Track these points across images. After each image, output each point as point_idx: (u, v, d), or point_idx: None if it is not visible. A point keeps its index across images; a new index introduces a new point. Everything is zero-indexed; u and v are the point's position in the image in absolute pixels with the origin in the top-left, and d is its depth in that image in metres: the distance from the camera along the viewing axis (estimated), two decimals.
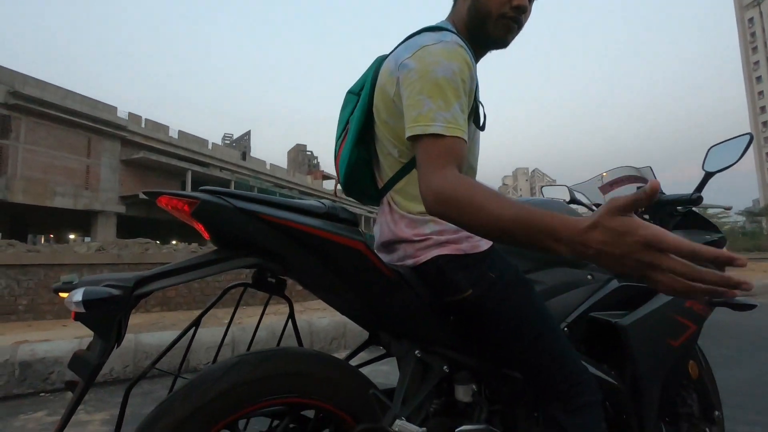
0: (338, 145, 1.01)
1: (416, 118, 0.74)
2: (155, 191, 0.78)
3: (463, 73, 0.77)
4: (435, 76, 0.75)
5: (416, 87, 0.76)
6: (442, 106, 0.73)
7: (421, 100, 0.74)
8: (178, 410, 0.72)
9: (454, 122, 0.73)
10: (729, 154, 1.23)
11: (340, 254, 0.80)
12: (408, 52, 0.81)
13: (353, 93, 1.00)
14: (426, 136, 0.72)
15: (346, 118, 1.00)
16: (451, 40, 0.80)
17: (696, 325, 1.16)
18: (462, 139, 0.73)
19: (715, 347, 3.85)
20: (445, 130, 0.72)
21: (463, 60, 0.78)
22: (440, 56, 0.77)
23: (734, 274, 0.56)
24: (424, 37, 0.82)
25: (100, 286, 0.67)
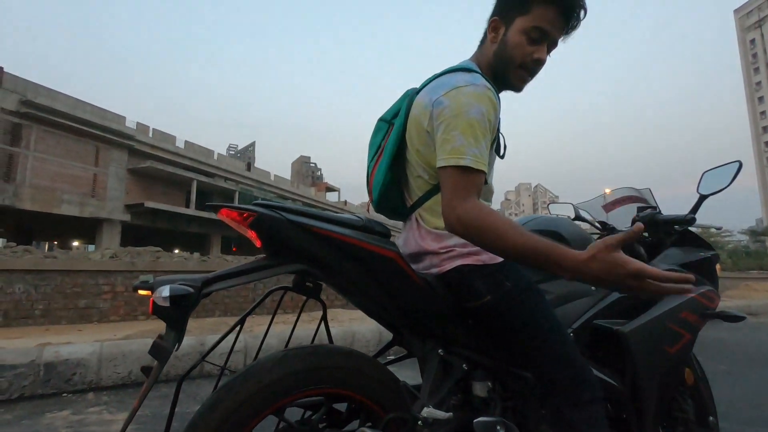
0: (371, 167, 1.13)
1: (450, 151, 0.87)
2: (218, 204, 0.91)
3: (489, 114, 0.90)
4: (467, 117, 0.88)
5: (451, 124, 0.88)
6: (472, 143, 0.86)
7: (455, 136, 0.87)
8: (236, 394, 0.83)
9: (480, 158, 0.87)
10: (721, 178, 1.35)
11: (377, 262, 0.92)
12: (442, 90, 0.93)
13: (384, 121, 1.13)
14: (457, 167, 0.86)
15: (378, 143, 1.12)
16: (481, 84, 0.92)
17: (690, 335, 1.26)
18: (484, 172, 0.88)
19: (716, 363, 3.91)
20: (474, 164, 0.86)
21: (490, 102, 0.91)
22: (471, 98, 0.89)
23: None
24: (457, 78, 0.94)
25: (179, 284, 0.79)
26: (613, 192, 1.66)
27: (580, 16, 1.00)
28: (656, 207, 1.53)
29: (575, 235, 1.31)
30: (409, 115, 1.03)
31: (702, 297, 1.31)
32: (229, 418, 0.81)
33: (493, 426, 0.94)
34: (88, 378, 2.69)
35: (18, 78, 19.86)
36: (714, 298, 1.34)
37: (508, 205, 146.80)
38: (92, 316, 4.90)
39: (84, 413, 2.30)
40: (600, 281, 0.76)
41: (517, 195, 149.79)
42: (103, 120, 22.36)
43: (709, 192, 1.36)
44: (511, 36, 0.99)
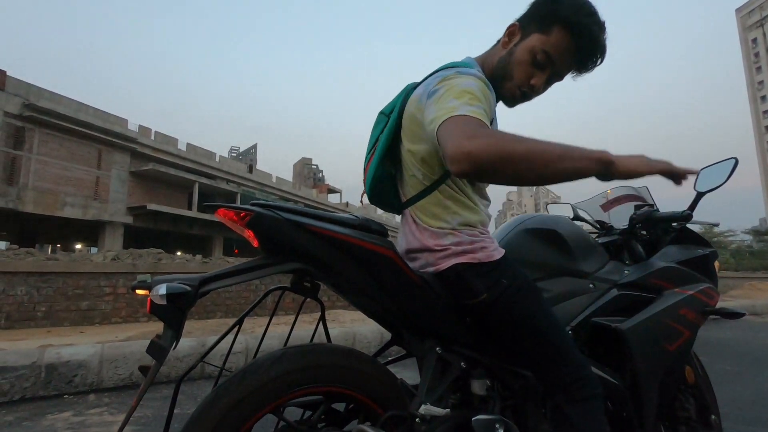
0: (367, 159, 1.12)
1: (444, 110, 0.79)
2: (215, 204, 0.91)
3: (484, 92, 0.86)
4: (460, 87, 0.84)
5: (442, 98, 0.83)
6: (467, 101, 0.79)
7: (447, 99, 0.81)
8: (234, 392, 0.83)
9: (477, 112, 0.77)
10: (718, 176, 1.35)
11: (374, 260, 0.92)
12: (435, 81, 0.91)
13: (384, 114, 1.11)
14: (449, 118, 0.76)
15: (376, 136, 1.11)
16: (474, 73, 0.90)
17: (690, 332, 1.26)
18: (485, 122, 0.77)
19: (721, 363, 3.89)
20: (470, 113, 0.76)
21: (484, 84, 0.89)
22: (464, 79, 0.87)
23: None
24: (451, 70, 0.93)
25: (176, 283, 0.79)
26: (612, 191, 1.66)
27: (597, 61, 0.96)
28: (653, 205, 1.53)
29: (574, 234, 1.31)
30: (404, 111, 1.01)
31: (701, 294, 1.30)
32: (226, 417, 0.81)
33: (492, 424, 0.94)
34: (90, 379, 2.70)
35: (21, 81, 19.97)
36: (713, 295, 1.34)
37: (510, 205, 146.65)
38: (94, 317, 4.91)
39: (85, 415, 2.30)
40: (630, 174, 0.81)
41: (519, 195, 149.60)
42: (105, 123, 22.47)
43: (706, 189, 1.36)
44: (521, 50, 0.97)
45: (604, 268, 1.30)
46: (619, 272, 1.31)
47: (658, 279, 1.30)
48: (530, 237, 1.25)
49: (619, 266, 1.35)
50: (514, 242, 1.23)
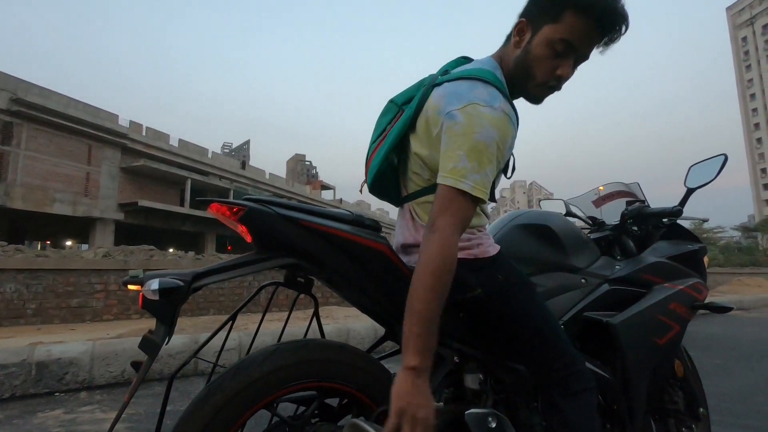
0: (372, 148, 1.08)
1: (451, 170, 0.82)
2: (208, 199, 0.91)
3: (502, 141, 0.84)
4: (477, 139, 0.81)
5: (458, 141, 0.82)
6: (475, 168, 0.81)
7: (459, 155, 0.81)
8: (227, 389, 0.82)
9: (481, 185, 0.81)
10: (707, 172, 1.36)
11: (367, 255, 0.92)
12: (458, 103, 0.85)
13: (395, 103, 1.06)
14: (454, 189, 0.81)
15: (384, 124, 1.06)
16: (499, 107, 0.84)
17: (679, 326, 1.27)
18: (482, 200, 0.83)
19: (709, 357, 3.95)
20: (472, 190, 0.80)
21: (506, 129, 0.85)
22: (486, 120, 0.82)
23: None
24: (477, 92, 0.86)
25: (169, 278, 0.78)
26: (603, 187, 1.67)
27: (621, 30, 0.89)
28: (644, 201, 1.55)
29: (566, 230, 1.32)
30: (421, 109, 0.95)
31: (690, 289, 1.32)
32: (219, 413, 0.80)
33: (485, 417, 0.95)
34: (81, 377, 2.68)
35: (9, 76, 19.64)
36: (702, 290, 1.36)
37: (504, 202, 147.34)
38: (85, 315, 4.86)
39: (76, 412, 2.29)
40: (397, 389, 0.75)
41: (512, 192, 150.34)
42: (95, 118, 22.18)
43: (696, 185, 1.37)
44: (536, 46, 0.91)
45: (595, 264, 1.31)
46: (610, 267, 1.33)
47: (648, 274, 1.32)
48: (523, 232, 1.26)
49: (611, 261, 1.36)
50: (508, 238, 1.24)
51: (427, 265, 0.78)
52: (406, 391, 0.74)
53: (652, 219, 1.46)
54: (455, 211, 0.81)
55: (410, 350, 0.75)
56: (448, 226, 0.79)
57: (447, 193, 0.81)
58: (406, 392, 0.74)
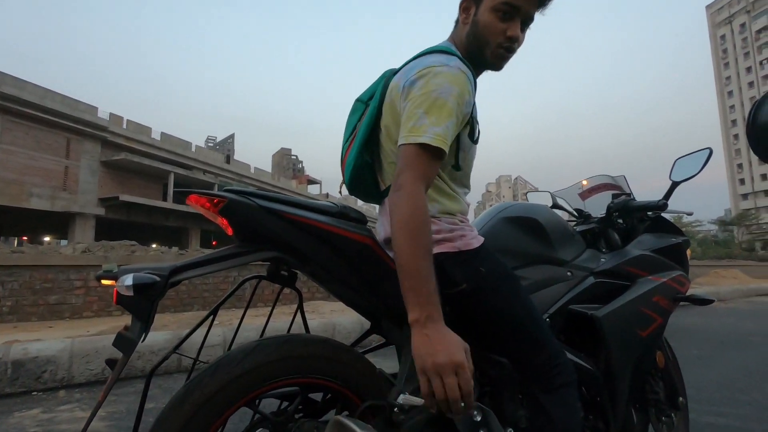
0: (345, 148, 1.10)
1: (411, 129, 0.83)
2: (187, 190, 0.88)
3: (461, 97, 0.87)
4: (435, 96, 0.85)
5: (417, 101, 0.85)
6: (434, 122, 0.83)
7: (418, 114, 0.84)
8: (206, 386, 0.80)
9: (442, 136, 0.83)
10: (692, 165, 1.38)
11: (352, 248, 0.90)
12: (415, 70, 0.90)
13: (361, 101, 1.10)
14: (415, 145, 0.82)
15: (353, 123, 1.09)
16: (455, 65, 0.89)
17: (662, 318, 1.29)
18: (443, 150, 0.83)
19: (688, 347, 4.06)
20: (432, 141, 0.81)
21: (464, 86, 0.88)
22: (443, 78, 0.86)
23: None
24: (432, 58, 0.91)
25: (144, 273, 0.75)
26: (590, 180, 1.68)
27: None
28: (630, 193, 1.56)
29: (552, 223, 1.32)
30: (384, 98, 1.00)
31: (673, 281, 1.34)
32: (198, 411, 0.78)
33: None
34: (59, 375, 2.60)
35: None
36: (684, 283, 1.38)
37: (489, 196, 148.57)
38: (64, 312, 4.73)
39: (54, 411, 2.23)
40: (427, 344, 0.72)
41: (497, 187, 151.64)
42: (74, 111, 21.55)
43: (681, 179, 1.39)
44: (482, 15, 0.97)
45: (581, 256, 1.32)
46: (595, 260, 1.33)
47: (632, 267, 1.33)
48: (510, 225, 1.26)
49: (596, 254, 1.37)
50: (494, 230, 1.23)
51: (400, 221, 0.78)
52: (418, 347, 0.73)
53: (637, 212, 1.48)
54: (416, 165, 0.81)
55: (408, 306, 0.75)
56: (411, 181, 0.80)
57: (407, 152, 0.82)
58: (419, 347, 0.73)
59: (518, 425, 1.03)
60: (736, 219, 54.10)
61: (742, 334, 5.04)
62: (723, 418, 2.25)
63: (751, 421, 2.22)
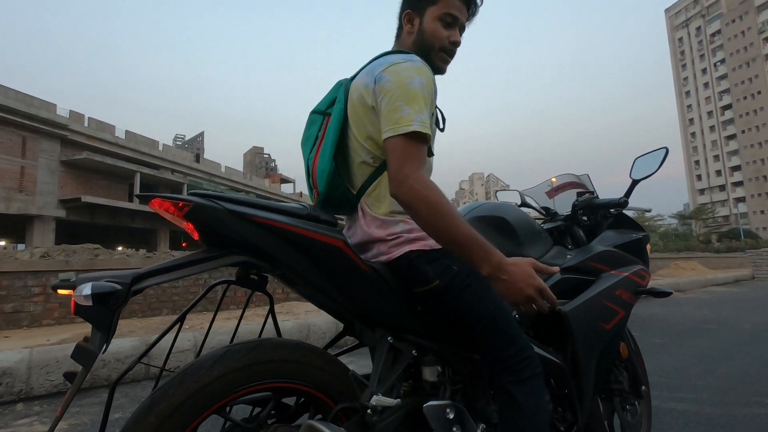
0: (311, 159, 1.08)
1: (397, 121, 0.89)
2: (148, 194, 0.85)
3: (429, 86, 0.94)
4: (410, 87, 0.91)
5: (394, 95, 0.91)
6: (417, 110, 0.89)
7: (399, 106, 0.89)
8: (173, 396, 0.78)
9: (426, 123, 0.89)
10: (651, 164, 1.44)
11: (322, 251, 0.89)
12: (381, 67, 0.96)
13: (319, 112, 1.12)
14: (406, 135, 0.87)
15: (314, 134, 1.10)
16: (417, 60, 0.98)
17: (624, 311, 1.34)
18: (430, 136, 0.91)
19: (649, 336, 4.25)
20: (422, 128, 0.88)
21: (428, 76, 0.96)
22: (411, 71, 0.93)
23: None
24: (393, 57, 0.99)
25: (104, 282, 0.72)
26: (556, 179, 1.73)
27: (478, 2, 1.12)
28: (594, 192, 1.62)
29: (521, 221, 1.35)
30: (348, 101, 1.03)
31: (635, 275, 1.40)
32: (164, 423, 0.76)
33: (443, 409, 0.96)
34: (17, 387, 2.47)
35: None
36: (645, 276, 1.44)
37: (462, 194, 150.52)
38: (21, 320, 4.47)
39: (12, 426, 2.11)
40: (510, 285, 0.87)
41: (470, 184, 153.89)
42: (29, 107, 20.44)
43: (640, 177, 1.45)
44: (427, 24, 1.06)
45: (548, 253, 1.36)
46: (562, 257, 1.38)
47: (596, 262, 1.38)
48: (480, 224, 1.28)
49: (563, 251, 1.41)
50: None
51: (427, 208, 0.85)
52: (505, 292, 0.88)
53: (601, 209, 1.53)
54: (414, 156, 0.87)
55: (478, 264, 0.87)
56: (414, 170, 0.86)
57: (398, 144, 0.88)
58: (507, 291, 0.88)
59: (490, 420, 1.05)
60: (694, 213, 57.02)
61: (699, 322, 5.32)
62: (682, 404, 2.37)
63: (707, 405, 2.35)
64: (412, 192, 0.85)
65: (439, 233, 0.86)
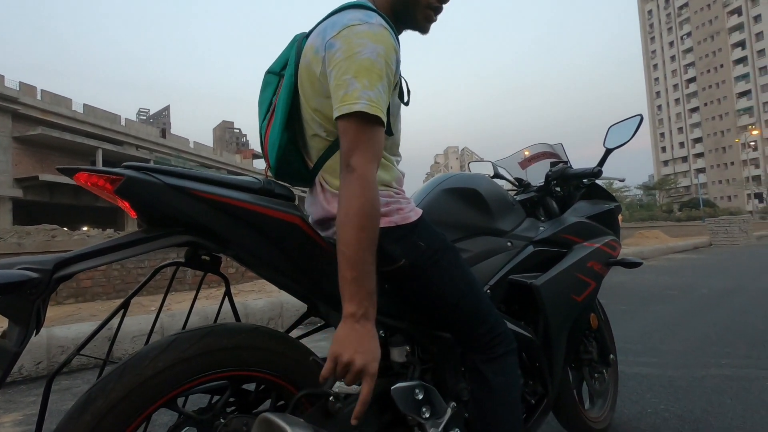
0: (264, 128, 0.99)
1: (343, 98, 0.77)
2: (71, 167, 0.74)
3: (387, 56, 0.80)
4: (361, 58, 0.78)
5: (342, 67, 0.78)
6: (367, 85, 0.77)
7: (347, 80, 0.77)
8: (111, 392, 0.70)
9: (376, 102, 0.77)
10: (625, 132, 1.41)
11: (277, 229, 0.81)
12: (333, 31, 0.82)
13: (273, 73, 0.99)
14: (352, 115, 0.76)
15: (268, 98, 0.99)
16: (376, 22, 0.82)
17: (596, 282, 1.33)
18: (382, 120, 0.79)
19: (613, 304, 4.40)
20: (369, 108, 0.76)
21: (388, 43, 0.81)
22: (366, 38, 0.79)
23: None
24: (349, 16, 0.83)
25: (14, 269, 0.62)
26: (529, 149, 1.68)
27: None
28: (567, 161, 1.58)
29: (493, 193, 1.30)
30: (299, 64, 0.91)
31: (606, 247, 1.38)
32: (102, 421, 0.68)
33: (411, 390, 0.92)
34: None
35: None
36: (616, 247, 1.43)
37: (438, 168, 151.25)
38: None
39: None
40: (351, 338, 0.73)
41: (445, 158, 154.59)
42: None
43: (614, 145, 1.42)
44: None
45: (521, 226, 1.32)
46: (534, 229, 1.34)
47: (569, 234, 1.35)
48: (450, 197, 1.22)
49: (535, 223, 1.38)
50: (434, 203, 1.19)
51: (350, 206, 0.75)
52: (343, 338, 0.73)
53: (574, 180, 1.50)
54: (364, 143, 0.77)
55: (346, 297, 0.74)
56: (363, 163, 0.76)
57: (350, 126, 0.77)
58: (344, 338, 0.72)
59: (460, 398, 1.03)
60: (658, 184, 59.37)
61: (661, 288, 5.57)
62: (646, 368, 2.46)
63: (670, 368, 2.45)
64: (349, 186, 0.75)
65: (344, 241, 0.74)
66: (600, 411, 1.61)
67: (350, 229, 0.74)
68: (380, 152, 0.80)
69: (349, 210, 0.74)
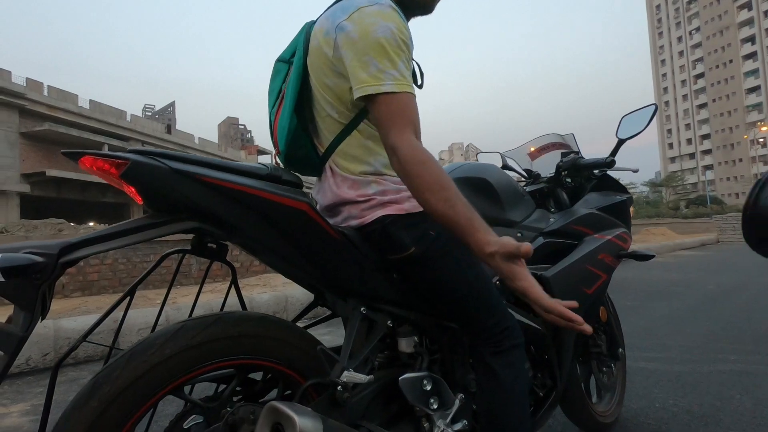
0: (273, 115, 0.99)
1: (365, 79, 0.77)
2: (76, 151, 0.73)
3: (401, 32, 0.81)
4: (376, 36, 0.78)
5: (359, 47, 0.78)
6: (387, 65, 0.77)
7: (367, 61, 0.77)
8: (118, 379, 0.69)
9: (402, 79, 0.78)
10: (638, 122, 1.38)
11: (285, 216, 0.80)
12: (344, 14, 0.82)
13: (283, 61, 0.99)
14: (380, 96, 0.77)
15: (278, 87, 0.99)
16: (385, 3, 0.83)
17: (606, 275, 1.31)
18: (412, 93, 0.79)
19: (621, 299, 4.37)
20: (396, 87, 0.77)
21: (399, 22, 0.82)
22: (377, 17, 0.80)
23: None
24: (356, 0, 0.83)
25: (20, 253, 0.61)
26: (539, 139, 1.66)
27: None
28: (578, 152, 1.55)
29: (503, 183, 1.28)
30: (308, 49, 0.91)
31: (617, 239, 1.36)
32: (107, 409, 0.68)
33: (419, 381, 0.91)
34: None
35: None
36: (627, 239, 1.41)
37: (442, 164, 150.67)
38: None
39: None
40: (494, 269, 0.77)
41: (450, 155, 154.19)
42: None
43: (627, 136, 1.39)
44: None
45: (531, 217, 1.30)
46: (545, 220, 1.32)
47: (579, 225, 1.33)
48: (460, 186, 1.19)
49: (545, 214, 1.36)
50: None
51: (421, 184, 0.76)
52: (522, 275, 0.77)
53: (586, 170, 1.47)
54: (396, 119, 0.77)
55: (473, 240, 0.76)
56: (401, 139, 0.76)
57: (379, 107, 0.77)
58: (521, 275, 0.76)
59: (468, 389, 1.02)
60: (665, 181, 58.88)
61: (668, 284, 5.52)
62: (653, 363, 2.44)
63: (676, 363, 2.43)
64: (404, 165, 0.76)
65: (432, 209, 0.77)
66: (608, 405, 1.59)
67: (438, 200, 0.75)
68: (415, 119, 0.79)
69: (422, 185, 0.75)
